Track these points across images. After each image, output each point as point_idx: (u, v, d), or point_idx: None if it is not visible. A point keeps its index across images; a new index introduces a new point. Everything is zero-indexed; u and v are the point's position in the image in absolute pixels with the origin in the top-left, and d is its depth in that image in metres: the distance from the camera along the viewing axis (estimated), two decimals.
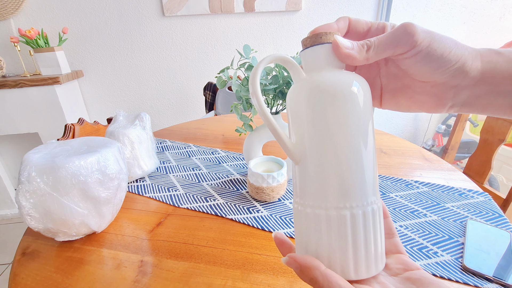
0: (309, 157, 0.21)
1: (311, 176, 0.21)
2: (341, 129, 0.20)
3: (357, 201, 0.20)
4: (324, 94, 0.20)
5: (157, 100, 1.91)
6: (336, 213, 0.20)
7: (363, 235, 0.20)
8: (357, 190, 0.20)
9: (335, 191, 0.20)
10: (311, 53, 0.22)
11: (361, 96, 0.20)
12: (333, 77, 0.21)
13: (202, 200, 0.59)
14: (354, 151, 0.20)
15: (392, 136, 0.91)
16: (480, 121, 1.66)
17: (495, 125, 0.87)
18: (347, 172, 0.20)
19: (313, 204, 0.21)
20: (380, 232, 0.21)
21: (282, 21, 1.67)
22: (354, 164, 0.20)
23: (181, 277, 0.41)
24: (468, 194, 0.59)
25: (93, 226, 0.48)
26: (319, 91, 0.20)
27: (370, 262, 0.20)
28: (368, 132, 0.21)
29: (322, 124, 0.20)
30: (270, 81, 0.56)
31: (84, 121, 0.84)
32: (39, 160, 0.43)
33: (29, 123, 1.61)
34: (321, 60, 0.22)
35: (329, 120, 0.20)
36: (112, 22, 1.70)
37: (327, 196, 0.20)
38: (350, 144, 0.20)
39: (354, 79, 0.21)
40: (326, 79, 0.21)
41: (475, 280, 0.39)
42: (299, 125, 0.22)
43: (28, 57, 1.70)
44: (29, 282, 0.41)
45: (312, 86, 0.21)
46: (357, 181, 0.20)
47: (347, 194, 0.20)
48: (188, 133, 0.99)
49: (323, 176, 0.21)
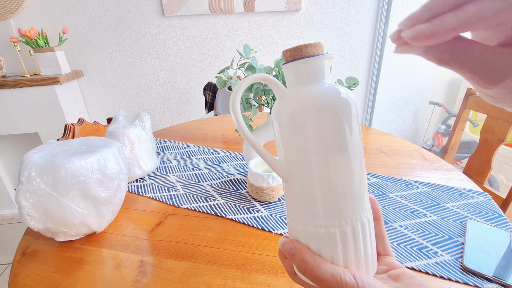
0: (296, 176, 0.21)
1: (298, 195, 0.21)
2: (324, 147, 0.20)
3: (345, 218, 0.20)
4: (305, 112, 0.20)
5: (157, 100, 1.91)
6: (325, 231, 0.20)
7: (353, 249, 0.21)
8: (344, 207, 0.20)
9: (323, 210, 0.20)
10: (292, 67, 0.21)
11: (344, 112, 0.20)
12: (314, 93, 0.20)
13: (202, 200, 0.59)
14: (340, 168, 0.20)
15: (392, 136, 0.91)
16: (480, 121, 1.66)
17: (495, 125, 0.87)
18: (333, 190, 0.20)
19: (303, 221, 0.21)
20: (371, 242, 0.22)
21: (282, 21, 1.67)
22: (340, 182, 0.20)
23: (181, 277, 0.41)
24: (468, 194, 0.59)
25: (93, 226, 0.48)
26: (300, 109, 0.20)
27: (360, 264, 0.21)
28: (354, 146, 0.20)
29: (304, 144, 0.20)
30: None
31: (84, 121, 0.84)
32: (39, 160, 0.43)
33: (29, 123, 1.61)
34: (302, 75, 0.21)
35: (311, 139, 0.20)
36: (112, 22, 1.70)
37: (315, 214, 0.21)
38: (335, 162, 0.20)
39: (335, 94, 0.20)
40: (306, 97, 0.20)
41: (475, 280, 0.39)
42: (284, 143, 0.22)
43: (28, 57, 1.70)
44: (29, 282, 0.41)
45: (293, 105, 0.21)
46: (344, 199, 0.20)
47: (335, 212, 0.20)
48: (188, 133, 0.99)
49: (310, 195, 0.21)
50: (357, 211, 0.21)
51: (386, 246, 0.25)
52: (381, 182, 0.64)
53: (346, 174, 0.20)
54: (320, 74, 0.21)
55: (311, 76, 0.21)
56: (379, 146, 0.84)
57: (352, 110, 0.20)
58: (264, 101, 0.61)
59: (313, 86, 0.21)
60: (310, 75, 0.21)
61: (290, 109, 0.21)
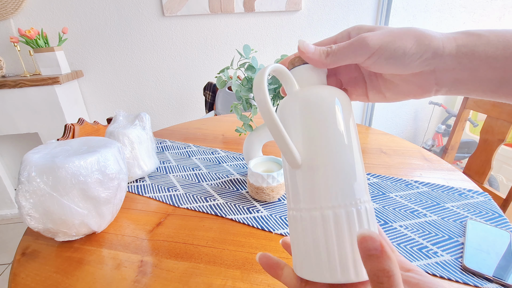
0: (308, 161, 0.23)
1: (309, 179, 0.23)
2: (331, 133, 0.22)
3: (351, 199, 0.21)
4: (313, 105, 0.23)
5: (157, 100, 1.91)
6: (332, 212, 0.21)
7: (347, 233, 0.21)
8: (352, 188, 0.22)
9: (330, 190, 0.22)
10: (296, 72, 0.26)
11: (340, 105, 0.23)
12: (317, 91, 0.24)
13: (202, 200, 0.59)
14: (346, 152, 0.22)
15: (392, 136, 0.91)
16: (480, 121, 1.66)
17: (495, 125, 0.87)
18: (342, 171, 0.22)
19: (309, 207, 0.22)
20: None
21: (282, 21, 1.67)
22: (347, 163, 0.22)
23: (181, 277, 0.41)
24: (468, 194, 0.59)
25: (93, 226, 0.48)
26: (309, 103, 0.23)
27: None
28: (352, 133, 0.23)
29: (317, 130, 0.23)
30: (270, 81, 0.56)
31: (84, 121, 0.84)
32: (39, 160, 0.43)
33: (29, 123, 1.61)
34: (305, 77, 0.25)
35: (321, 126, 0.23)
36: (112, 22, 1.70)
37: (323, 196, 0.22)
38: (341, 146, 0.22)
39: (334, 93, 0.24)
40: (312, 94, 0.24)
41: (475, 280, 0.39)
42: (296, 132, 0.24)
43: (28, 57, 1.70)
44: (29, 282, 0.41)
45: (302, 99, 0.24)
46: (352, 180, 0.22)
47: (343, 192, 0.21)
48: (188, 133, 0.99)
49: (320, 177, 0.22)
50: (362, 195, 0.22)
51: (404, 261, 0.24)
52: (381, 182, 0.64)
53: (353, 157, 0.22)
54: (320, 78, 0.25)
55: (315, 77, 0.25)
56: (379, 146, 0.84)
57: (350, 106, 0.24)
58: None
59: (318, 87, 0.25)
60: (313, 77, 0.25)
61: (301, 102, 0.24)
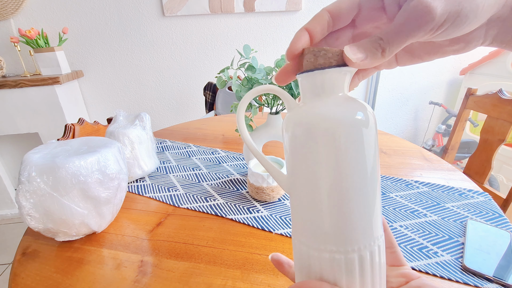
0: (300, 192, 0.20)
1: (301, 213, 0.20)
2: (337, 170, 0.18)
3: (352, 245, 0.18)
4: (317, 130, 0.18)
5: (157, 100, 1.91)
6: (329, 256, 0.19)
7: (359, 279, 0.19)
8: (355, 234, 0.18)
9: (328, 234, 0.19)
10: (306, 78, 0.19)
11: (362, 133, 0.18)
12: (329, 110, 0.18)
13: (202, 200, 0.59)
14: (350, 193, 0.18)
15: (392, 136, 0.91)
16: (480, 121, 1.66)
17: (495, 125, 0.87)
18: (342, 216, 0.18)
19: (307, 242, 0.20)
20: (380, 270, 0.20)
21: (282, 21, 1.67)
22: (350, 207, 0.18)
23: (181, 277, 0.41)
24: (468, 194, 0.59)
25: (93, 226, 0.48)
26: (314, 125, 0.18)
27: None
28: (368, 170, 0.18)
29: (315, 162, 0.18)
30: (270, 81, 0.56)
31: (84, 121, 0.84)
32: (39, 160, 0.43)
33: (29, 123, 1.61)
34: (318, 87, 0.19)
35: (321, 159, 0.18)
36: (112, 22, 1.70)
37: (319, 237, 0.19)
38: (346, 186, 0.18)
39: (355, 113, 0.18)
40: (320, 113, 0.18)
41: (475, 280, 0.39)
42: (292, 158, 0.20)
43: (28, 57, 1.70)
44: (29, 282, 0.41)
45: (304, 119, 0.19)
46: (357, 225, 0.18)
47: (341, 238, 0.18)
48: (188, 133, 0.99)
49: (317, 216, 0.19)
50: (367, 239, 0.19)
51: (399, 256, 0.24)
52: (381, 182, 0.64)
53: (360, 200, 0.18)
54: (338, 87, 0.19)
55: (327, 88, 0.19)
56: (379, 146, 0.84)
57: (370, 132, 0.18)
58: (264, 101, 0.61)
59: (330, 100, 0.19)
60: (328, 86, 0.19)
61: (300, 122, 0.19)
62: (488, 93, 0.91)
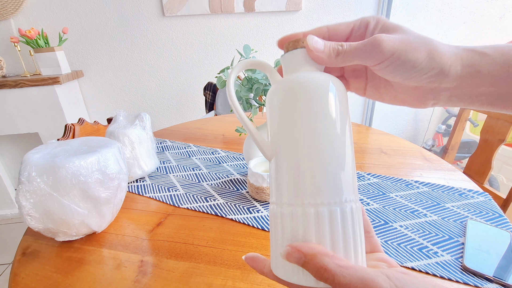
0: (282, 152, 0.22)
1: (284, 172, 0.21)
2: (313, 124, 0.21)
3: (334, 197, 0.20)
4: (295, 90, 0.21)
5: (157, 100, 1.91)
6: (314, 210, 0.20)
7: (341, 234, 0.20)
8: (333, 186, 0.20)
9: (310, 187, 0.20)
10: (289, 57, 0.24)
11: (334, 93, 0.21)
12: (307, 76, 0.21)
13: (202, 200, 0.59)
14: (327, 146, 0.20)
15: (392, 136, 0.91)
16: (480, 121, 1.66)
17: (495, 125, 0.87)
18: (321, 166, 0.20)
19: (289, 201, 0.21)
20: (360, 235, 0.21)
21: (282, 21, 1.67)
22: (328, 159, 0.20)
23: (181, 277, 0.41)
24: (468, 194, 0.59)
25: (93, 226, 0.48)
26: (291, 87, 0.22)
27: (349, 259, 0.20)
28: (341, 128, 0.21)
29: (293, 118, 0.21)
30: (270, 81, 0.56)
31: (84, 121, 0.84)
32: (39, 160, 0.43)
33: (29, 123, 1.61)
34: (298, 63, 0.23)
35: (300, 115, 0.21)
36: (112, 22, 1.70)
37: (302, 192, 0.20)
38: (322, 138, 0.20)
39: (327, 79, 0.21)
40: (299, 78, 0.22)
41: (475, 280, 0.39)
42: (273, 121, 0.23)
43: (28, 57, 1.70)
44: (29, 282, 0.41)
45: (285, 84, 0.22)
46: (332, 177, 0.20)
47: (323, 189, 0.20)
48: (188, 133, 0.99)
49: (296, 171, 0.21)
50: (347, 194, 0.20)
51: (376, 242, 0.25)
52: (381, 182, 0.64)
53: (336, 153, 0.20)
54: (312, 64, 0.23)
55: (308, 64, 0.23)
56: (379, 146, 0.84)
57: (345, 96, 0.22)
58: (264, 101, 0.61)
59: (309, 72, 0.22)
60: (307, 64, 0.23)
61: (282, 86, 0.22)
62: None
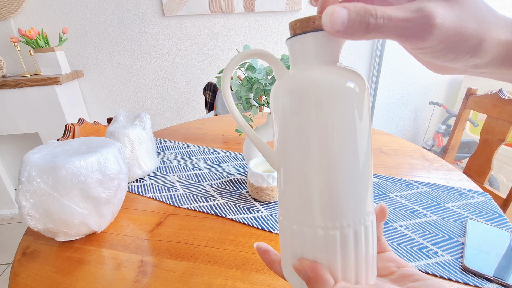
0: (289, 168, 0.19)
1: (293, 190, 0.19)
2: (328, 141, 0.17)
3: (348, 220, 0.18)
4: (306, 96, 0.17)
5: (157, 100, 1.91)
6: (325, 233, 0.18)
7: (354, 255, 0.18)
8: (346, 209, 0.18)
9: (321, 210, 0.18)
10: (299, 41, 0.18)
11: (355, 100, 0.17)
12: (321, 78, 0.17)
13: (202, 200, 0.59)
14: (344, 163, 0.17)
15: (392, 136, 0.91)
16: (480, 121, 1.66)
17: (495, 125, 0.87)
18: (335, 187, 0.18)
19: (298, 220, 0.19)
20: (373, 246, 0.20)
21: (282, 21, 1.67)
22: (344, 178, 0.18)
23: (181, 277, 0.41)
24: (468, 194, 0.59)
25: (93, 226, 0.48)
26: (300, 91, 0.17)
27: (361, 279, 0.19)
28: (362, 141, 0.18)
29: (303, 130, 0.18)
30: (270, 81, 0.56)
31: (84, 121, 0.84)
32: (39, 160, 0.43)
33: (29, 123, 1.61)
34: (309, 52, 0.18)
35: (311, 129, 0.17)
36: (112, 22, 1.70)
37: (312, 214, 0.18)
38: (339, 155, 0.17)
39: (348, 79, 0.17)
40: (310, 80, 0.17)
41: (475, 280, 0.39)
42: (279, 127, 0.19)
43: (28, 57, 1.70)
44: (29, 282, 0.41)
45: (293, 85, 0.18)
46: (347, 200, 0.18)
47: (334, 213, 0.18)
48: (188, 133, 0.99)
49: (306, 192, 0.18)
50: (362, 213, 0.18)
51: (384, 242, 0.24)
52: (381, 182, 0.64)
53: (353, 170, 0.18)
54: (333, 53, 0.18)
55: (322, 54, 0.18)
56: (379, 146, 0.84)
57: (368, 99, 0.18)
58: (264, 101, 0.61)
59: (323, 67, 0.18)
60: (320, 54, 0.18)
61: (291, 88, 0.18)
62: (488, 93, 0.91)
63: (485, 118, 0.91)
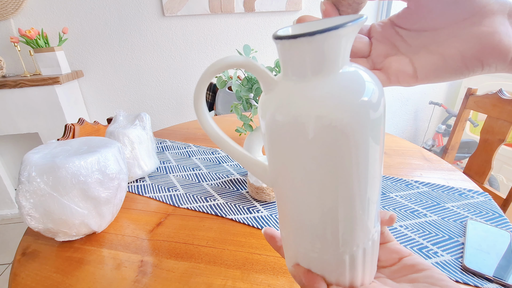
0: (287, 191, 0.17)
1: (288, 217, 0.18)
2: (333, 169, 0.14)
3: (358, 242, 0.17)
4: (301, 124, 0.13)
5: (157, 100, 1.91)
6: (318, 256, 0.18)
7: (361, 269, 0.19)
8: (358, 233, 0.17)
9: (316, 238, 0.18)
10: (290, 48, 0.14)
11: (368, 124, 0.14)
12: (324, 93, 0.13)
13: (202, 200, 0.59)
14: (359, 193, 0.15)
15: (392, 136, 0.91)
16: (480, 121, 1.66)
17: (495, 125, 0.87)
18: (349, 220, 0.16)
19: (293, 240, 0.19)
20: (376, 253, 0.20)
21: (282, 21, 1.67)
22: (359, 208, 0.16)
23: (181, 277, 0.41)
24: (468, 194, 0.59)
25: (93, 226, 0.48)
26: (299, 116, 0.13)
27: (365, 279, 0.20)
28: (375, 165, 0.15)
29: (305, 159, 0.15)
30: None
31: (84, 121, 0.84)
32: (39, 160, 0.43)
33: (29, 123, 1.61)
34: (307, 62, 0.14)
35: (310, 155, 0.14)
36: (112, 22, 1.70)
37: (306, 240, 0.18)
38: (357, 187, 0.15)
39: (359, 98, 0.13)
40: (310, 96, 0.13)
41: (475, 280, 0.39)
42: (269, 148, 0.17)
43: (28, 57, 1.70)
44: (29, 282, 0.41)
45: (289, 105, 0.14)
46: (362, 225, 0.17)
47: (330, 242, 0.17)
48: (188, 133, 0.99)
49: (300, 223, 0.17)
50: (370, 232, 0.18)
51: (387, 234, 0.24)
52: (381, 182, 0.64)
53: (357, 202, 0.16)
54: (336, 58, 0.14)
55: (321, 61, 0.13)
56: None
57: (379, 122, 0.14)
58: None
59: (324, 79, 0.14)
60: (319, 60, 0.14)
61: (284, 107, 0.14)
62: (488, 93, 0.91)
63: (485, 118, 0.91)
